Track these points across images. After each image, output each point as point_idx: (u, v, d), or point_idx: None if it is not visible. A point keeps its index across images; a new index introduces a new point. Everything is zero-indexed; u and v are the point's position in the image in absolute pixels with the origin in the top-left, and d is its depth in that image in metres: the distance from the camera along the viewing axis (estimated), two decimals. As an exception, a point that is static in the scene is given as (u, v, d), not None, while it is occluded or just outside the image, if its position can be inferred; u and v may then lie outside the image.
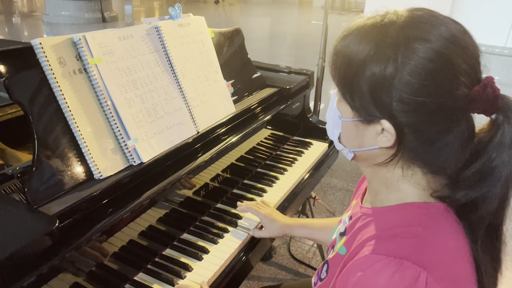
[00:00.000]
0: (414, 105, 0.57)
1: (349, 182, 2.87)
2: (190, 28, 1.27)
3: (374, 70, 0.58)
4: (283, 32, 9.10)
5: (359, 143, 0.67)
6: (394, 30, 0.58)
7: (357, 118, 0.64)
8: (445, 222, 0.63)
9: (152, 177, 1.02)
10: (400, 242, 0.60)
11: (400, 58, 0.56)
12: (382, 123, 0.61)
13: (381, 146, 0.63)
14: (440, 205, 0.64)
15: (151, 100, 1.08)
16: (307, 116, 1.85)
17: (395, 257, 0.58)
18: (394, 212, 0.66)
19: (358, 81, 0.60)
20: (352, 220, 0.76)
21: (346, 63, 0.62)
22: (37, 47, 0.88)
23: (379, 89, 0.59)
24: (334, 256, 0.76)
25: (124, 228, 0.96)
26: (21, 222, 0.78)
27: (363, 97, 0.61)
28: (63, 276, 0.81)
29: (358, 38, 0.61)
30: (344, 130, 0.69)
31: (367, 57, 0.59)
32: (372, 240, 0.64)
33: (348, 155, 0.71)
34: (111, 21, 8.48)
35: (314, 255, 2.14)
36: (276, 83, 1.66)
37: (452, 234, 0.62)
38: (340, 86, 0.65)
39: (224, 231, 1.17)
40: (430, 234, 0.61)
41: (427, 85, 0.56)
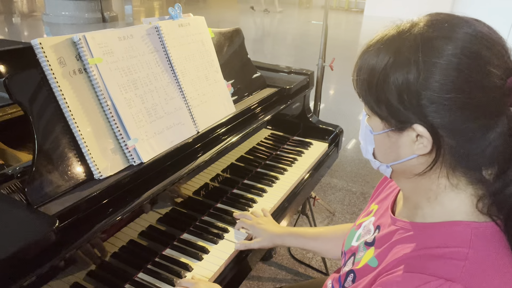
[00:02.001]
0: (445, 103, 0.56)
1: (349, 182, 2.86)
2: (190, 28, 1.27)
3: (397, 76, 0.57)
4: (283, 32, 9.10)
5: (395, 155, 0.64)
6: (411, 34, 0.58)
7: (388, 128, 0.62)
8: (496, 245, 0.59)
9: (152, 177, 1.02)
10: (450, 263, 0.57)
11: (421, 59, 0.56)
12: (414, 128, 0.59)
13: (419, 154, 0.61)
14: (490, 225, 0.60)
15: (151, 100, 1.08)
16: (307, 116, 1.85)
17: (446, 280, 0.55)
18: (441, 230, 0.62)
19: (383, 90, 0.59)
20: (384, 232, 0.72)
21: (368, 75, 0.61)
22: (37, 47, 0.88)
23: (405, 93, 0.57)
24: (363, 267, 0.72)
25: (124, 228, 0.96)
26: (21, 222, 0.78)
27: (390, 105, 0.59)
28: (63, 276, 0.81)
29: (376, 50, 0.61)
30: (377, 144, 0.67)
31: (388, 65, 0.58)
32: (415, 257, 0.61)
33: (386, 171, 0.69)
34: (111, 21, 8.48)
35: (314, 255, 2.14)
36: (276, 83, 1.66)
37: (503, 259, 0.59)
38: (366, 100, 0.64)
39: (224, 231, 1.17)
40: (481, 258, 0.57)
41: (455, 81, 0.55)
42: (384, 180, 0.89)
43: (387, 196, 0.82)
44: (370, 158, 0.70)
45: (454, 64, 0.55)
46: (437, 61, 0.55)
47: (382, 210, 0.80)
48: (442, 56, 0.55)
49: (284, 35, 8.64)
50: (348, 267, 0.78)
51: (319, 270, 2.04)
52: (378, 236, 0.74)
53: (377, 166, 0.70)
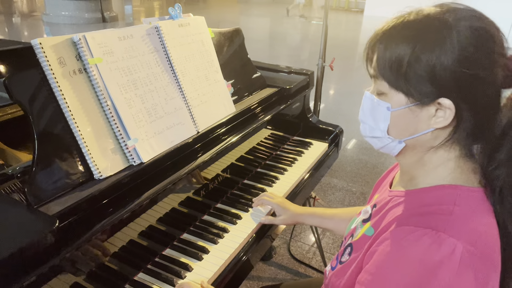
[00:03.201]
0: (470, 78, 0.61)
1: (349, 182, 2.87)
2: (190, 28, 1.28)
3: (431, 56, 0.61)
4: (283, 32, 9.10)
5: (412, 130, 0.68)
6: (435, 18, 0.63)
7: (412, 103, 0.66)
8: (481, 205, 0.65)
9: (152, 177, 1.02)
10: (436, 217, 0.63)
11: (454, 38, 0.60)
12: (441, 102, 0.63)
13: (436, 127, 0.66)
14: (475, 189, 0.66)
15: (151, 100, 1.08)
16: (307, 116, 1.85)
17: (432, 229, 0.60)
18: (430, 193, 0.68)
19: (413, 69, 0.63)
20: (378, 206, 0.77)
21: (396, 58, 0.64)
22: (37, 47, 0.88)
23: (438, 70, 0.61)
24: (360, 238, 0.76)
25: (124, 228, 0.96)
26: (21, 222, 0.78)
27: (420, 81, 0.63)
28: (63, 276, 0.81)
29: (399, 35, 0.65)
30: (394, 120, 0.69)
31: (419, 47, 0.62)
32: (405, 216, 0.66)
33: (397, 147, 0.72)
34: (111, 21, 8.48)
35: (314, 255, 2.14)
36: (276, 83, 1.66)
37: (487, 219, 0.64)
38: (389, 80, 0.66)
39: (224, 231, 1.17)
40: (466, 214, 0.63)
41: (479, 58, 0.61)
42: (387, 173, 0.93)
43: (388, 182, 0.86)
44: (379, 135, 0.73)
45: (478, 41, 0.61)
46: (464, 39, 0.60)
47: (381, 193, 0.84)
48: (465, 36, 0.60)
49: (284, 35, 8.64)
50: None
51: (319, 270, 2.04)
52: (374, 211, 0.78)
53: (385, 144, 0.73)
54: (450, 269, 0.57)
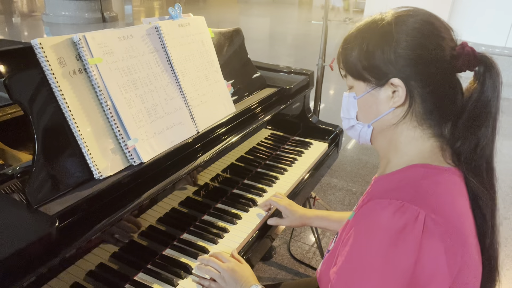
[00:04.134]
0: (414, 58, 0.71)
1: (349, 182, 2.86)
2: (190, 28, 1.27)
3: (378, 44, 0.73)
4: (283, 32, 9.10)
5: (375, 112, 0.77)
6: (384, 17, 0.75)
7: (371, 88, 0.76)
8: (448, 180, 0.70)
9: (152, 177, 1.02)
10: (402, 189, 0.69)
11: (394, 28, 0.72)
12: (392, 81, 0.72)
13: (395, 106, 0.74)
14: (444, 167, 0.72)
15: (151, 100, 1.08)
16: (307, 116, 1.85)
17: (397, 199, 0.65)
18: (400, 173, 0.75)
19: (367, 58, 0.74)
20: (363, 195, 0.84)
21: (353, 52, 0.76)
22: (37, 47, 0.88)
23: (385, 55, 0.72)
24: (344, 225, 0.81)
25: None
26: (21, 222, 0.78)
27: (373, 67, 0.74)
28: (63, 276, 0.81)
29: (356, 34, 0.77)
30: (360, 106, 0.80)
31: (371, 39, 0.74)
32: (375, 194, 0.73)
33: (367, 132, 0.81)
34: (111, 21, 8.48)
35: (314, 255, 2.14)
36: (276, 83, 1.66)
37: (455, 192, 0.70)
38: (353, 70, 0.78)
39: (224, 231, 1.17)
40: (432, 185, 0.68)
41: (419, 40, 0.71)
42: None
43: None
44: (352, 123, 0.82)
45: (416, 28, 0.71)
46: (404, 28, 0.72)
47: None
48: (408, 24, 0.72)
49: (284, 35, 8.64)
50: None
51: (319, 270, 2.04)
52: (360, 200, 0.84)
53: (358, 130, 0.82)
54: (414, 235, 0.62)
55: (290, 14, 12.28)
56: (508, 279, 2.03)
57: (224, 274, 0.97)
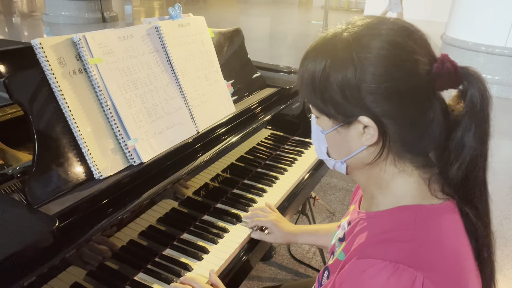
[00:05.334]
0: (382, 92, 0.60)
1: (349, 182, 2.87)
2: (190, 28, 1.27)
3: (337, 75, 0.62)
4: (283, 32, 9.10)
5: (347, 150, 0.68)
6: (343, 36, 0.63)
7: (337, 125, 0.66)
8: (441, 223, 0.63)
9: (152, 177, 1.02)
10: (395, 246, 0.61)
11: (355, 56, 0.60)
12: (360, 120, 0.63)
13: (367, 144, 0.65)
14: (435, 206, 0.64)
15: (151, 100, 1.08)
16: (307, 116, 1.85)
17: (391, 261, 0.58)
18: (389, 216, 0.66)
19: (326, 90, 0.63)
20: (351, 225, 0.76)
21: (311, 79, 0.65)
22: (37, 47, 0.88)
23: (346, 89, 0.61)
24: (334, 262, 0.76)
25: (124, 228, 0.96)
26: (21, 222, 0.78)
27: (335, 102, 0.63)
28: (63, 276, 0.81)
29: (314, 54, 0.66)
30: (329, 142, 0.70)
31: (327, 66, 0.63)
32: (366, 245, 0.64)
33: (342, 167, 0.72)
34: (111, 21, 8.48)
35: (314, 255, 2.14)
36: (276, 83, 1.66)
37: (450, 234, 0.63)
38: (313, 102, 0.67)
39: (224, 231, 1.17)
40: (426, 237, 0.61)
41: (387, 70, 0.60)
42: None
43: (358, 199, 0.84)
44: (325, 158, 0.74)
45: (383, 56, 0.60)
46: (368, 55, 0.60)
47: (354, 208, 0.82)
48: (372, 51, 0.60)
49: (284, 35, 8.64)
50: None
51: (319, 270, 2.04)
52: (347, 231, 0.76)
53: (333, 164, 0.73)
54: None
55: (290, 14, 12.28)
56: (509, 279, 2.03)
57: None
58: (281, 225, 1.17)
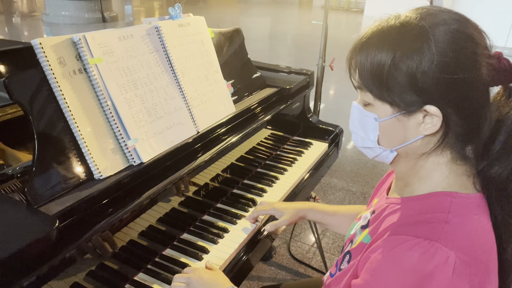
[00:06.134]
0: (453, 83, 0.61)
1: (349, 182, 2.87)
2: (190, 28, 1.27)
3: (410, 64, 0.61)
4: (283, 32, 9.10)
5: (401, 138, 0.68)
6: (414, 25, 0.62)
7: (398, 112, 0.65)
8: (475, 213, 0.64)
9: (152, 177, 1.02)
10: (430, 226, 0.62)
11: (432, 44, 0.60)
12: (427, 109, 0.62)
13: (426, 133, 0.65)
14: (471, 196, 0.66)
15: (151, 100, 1.08)
16: (307, 116, 1.85)
17: (425, 239, 0.59)
18: (424, 200, 0.67)
19: (394, 79, 0.63)
20: (376, 212, 0.77)
21: (376, 67, 0.64)
22: (37, 47, 0.88)
23: (419, 78, 0.61)
24: (357, 246, 0.76)
25: (124, 228, 0.96)
26: (21, 222, 0.78)
27: (402, 90, 0.63)
28: (63, 276, 0.81)
29: (378, 43, 0.64)
30: (383, 130, 0.69)
31: (397, 56, 0.62)
32: (399, 225, 0.65)
33: (389, 156, 0.72)
34: (111, 21, 8.48)
35: (314, 255, 2.14)
36: (276, 83, 1.66)
37: (482, 226, 0.64)
38: (373, 90, 0.66)
39: (224, 231, 1.17)
40: (460, 222, 0.62)
41: (461, 62, 0.60)
42: (387, 176, 0.92)
43: (385, 188, 0.85)
44: (370, 146, 0.73)
45: (457, 46, 0.60)
46: (443, 45, 0.60)
47: (380, 198, 0.83)
48: (446, 40, 0.60)
49: (284, 35, 8.64)
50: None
51: (319, 270, 2.04)
52: (372, 218, 0.78)
53: (378, 153, 0.73)
54: (443, 279, 0.57)
55: (290, 14, 12.28)
56: (508, 279, 2.02)
57: (189, 281, 0.91)
58: (284, 206, 1.17)
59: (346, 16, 11.93)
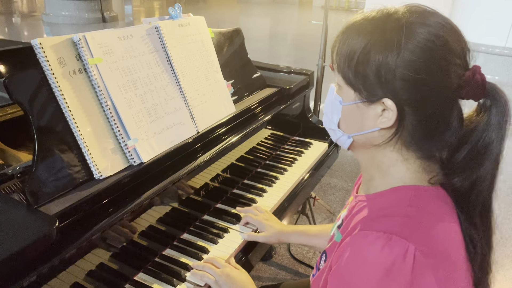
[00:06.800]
0: (415, 82, 0.62)
1: (349, 182, 2.87)
2: (190, 28, 1.28)
3: (379, 54, 0.62)
4: (283, 32, 9.10)
5: (359, 126, 0.70)
6: (394, 19, 0.64)
7: (359, 100, 0.67)
8: (436, 204, 0.66)
9: (152, 177, 1.02)
10: (389, 220, 0.64)
11: (403, 40, 0.61)
12: (384, 102, 0.64)
13: (382, 127, 0.67)
14: (431, 188, 0.67)
15: (151, 100, 1.08)
16: (307, 116, 1.85)
17: (384, 232, 0.60)
18: (386, 196, 0.69)
19: (363, 65, 0.64)
20: (347, 211, 0.79)
21: (351, 50, 0.66)
22: (37, 47, 0.88)
23: (383, 69, 0.63)
24: (331, 245, 0.78)
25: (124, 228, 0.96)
26: (21, 222, 0.78)
27: (367, 79, 0.65)
28: (63, 276, 0.81)
29: (360, 28, 0.66)
30: (344, 114, 0.72)
31: (371, 42, 0.63)
32: (364, 221, 0.68)
33: (346, 142, 0.74)
34: (111, 21, 8.48)
35: (314, 255, 2.14)
36: (276, 83, 1.66)
37: (444, 216, 0.65)
38: (344, 72, 0.68)
39: (224, 231, 1.17)
40: (420, 214, 0.64)
41: (428, 64, 0.61)
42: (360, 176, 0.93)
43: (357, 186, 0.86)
44: (332, 128, 0.75)
45: (428, 48, 0.61)
46: (415, 43, 0.61)
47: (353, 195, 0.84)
48: (419, 40, 0.61)
49: (284, 35, 8.64)
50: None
51: (319, 270, 2.04)
52: (344, 217, 0.79)
53: (338, 137, 0.75)
54: (405, 271, 0.58)
55: (290, 14, 12.28)
56: (508, 279, 2.03)
57: (219, 279, 0.94)
58: (270, 223, 1.16)
59: (346, 16, 11.90)
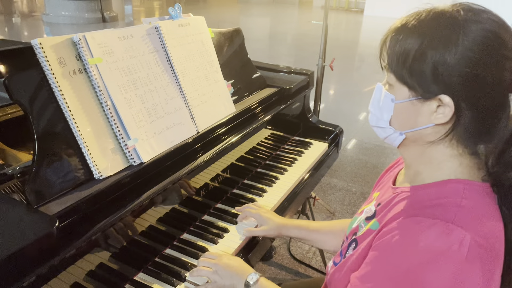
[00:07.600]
0: (472, 78, 0.63)
1: (349, 182, 2.87)
2: (190, 28, 1.28)
3: (436, 52, 0.64)
4: (283, 32, 9.10)
5: (412, 123, 0.70)
6: (448, 17, 0.65)
7: (414, 97, 0.68)
8: (486, 200, 0.66)
9: (152, 177, 1.02)
10: (445, 209, 0.64)
11: (460, 38, 0.62)
12: (441, 98, 0.65)
13: (437, 123, 0.67)
14: (482, 184, 0.68)
15: (151, 100, 1.08)
16: (307, 116, 1.85)
17: (441, 220, 0.61)
18: (437, 187, 0.69)
19: (418, 63, 0.65)
20: (383, 203, 0.78)
21: (405, 49, 0.67)
22: (37, 47, 0.88)
23: (440, 67, 0.64)
24: (365, 232, 0.77)
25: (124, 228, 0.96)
26: (21, 222, 0.78)
27: (423, 76, 0.66)
28: (63, 276, 0.81)
29: (411, 29, 0.67)
30: (397, 112, 0.72)
31: (426, 41, 0.64)
32: (414, 208, 0.67)
33: (398, 138, 0.74)
34: (111, 21, 8.48)
35: (314, 255, 2.14)
36: (276, 83, 1.66)
37: (494, 212, 0.66)
38: (397, 71, 0.69)
39: (224, 231, 1.17)
40: (473, 206, 0.64)
41: (484, 60, 0.62)
42: (386, 170, 0.94)
43: (389, 180, 0.86)
44: (383, 125, 0.75)
45: (484, 44, 0.62)
46: (471, 40, 0.62)
47: (383, 191, 0.84)
48: (476, 36, 0.62)
49: (284, 35, 8.64)
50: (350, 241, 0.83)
51: (319, 270, 2.04)
52: (378, 208, 0.79)
53: (388, 134, 0.75)
54: (457, 258, 0.59)
55: (290, 14, 12.28)
56: (508, 279, 2.03)
57: (217, 268, 0.94)
58: (269, 216, 1.15)
59: (346, 16, 11.93)
